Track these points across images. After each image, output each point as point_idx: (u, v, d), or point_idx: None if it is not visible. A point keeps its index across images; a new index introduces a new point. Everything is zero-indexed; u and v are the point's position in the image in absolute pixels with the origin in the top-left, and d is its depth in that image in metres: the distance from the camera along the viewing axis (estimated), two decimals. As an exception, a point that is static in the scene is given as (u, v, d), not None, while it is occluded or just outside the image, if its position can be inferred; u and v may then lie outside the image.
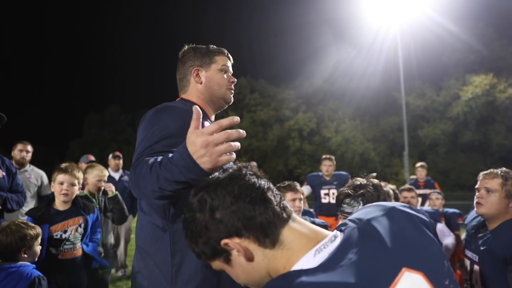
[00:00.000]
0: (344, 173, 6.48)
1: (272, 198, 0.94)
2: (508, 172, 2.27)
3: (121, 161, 6.18)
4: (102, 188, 3.75)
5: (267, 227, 0.90)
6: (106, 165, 6.17)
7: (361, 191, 1.87)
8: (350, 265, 0.84)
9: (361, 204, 1.84)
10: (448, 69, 29.71)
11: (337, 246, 0.90)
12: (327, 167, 6.23)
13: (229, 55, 1.88)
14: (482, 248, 2.24)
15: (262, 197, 0.92)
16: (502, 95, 25.94)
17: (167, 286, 1.49)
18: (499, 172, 2.27)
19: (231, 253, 0.92)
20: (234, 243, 0.90)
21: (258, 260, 0.91)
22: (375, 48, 28.43)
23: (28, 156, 4.73)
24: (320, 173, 6.37)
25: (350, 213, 1.81)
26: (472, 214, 2.57)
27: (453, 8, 26.39)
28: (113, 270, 5.70)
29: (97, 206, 3.74)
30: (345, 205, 1.90)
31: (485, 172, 2.35)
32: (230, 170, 0.96)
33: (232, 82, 1.84)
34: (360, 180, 1.94)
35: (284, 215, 0.94)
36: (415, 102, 28.49)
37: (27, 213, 2.97)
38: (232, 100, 1.88)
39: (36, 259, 2.51)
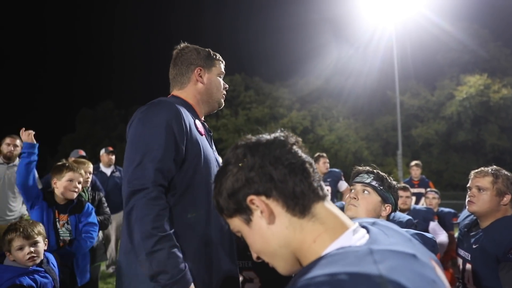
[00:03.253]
0: (336, 170, 6.49)
1: (311, 173, 0.90)
2: (498, 170, 2.27)
3: (114, 157, 6.07)
4: (89, 181, 3.77)
5: (299, 196, 0.87)
6: (98, 161, 6.11)
7: (375, 171, 2.00)
8: (397, 241, 0.83)
9: (372, 178, 1.94)
10: (443, 68, 29.80)
11: (372, 228, 0.88)
12: (326, 164, 6.26)
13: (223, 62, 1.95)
14: (474, 247, 2.24)
15: (301, 167, 0.89)
16: (496, 95, 26.06)
17: (148, 284, 1.49)
18: (490, 170, 2.27)
19: (254, 213, 0.88)
20: (259, 201, 0.86)
21: (281, 226, 0.87)
22: (371, 48, 28.42)
23: (17, 150, 4.62)
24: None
25: (359, 182, 1.96)
26: (465, 213, 2.57)
27: (449, 8, 26.51)
28: (104, 267, 5.66)
29: (87, 199, 3.73)
30: (357, 177, 2.01)
31: (476, 170, 2.35)
32: (277, 135, 0.94)
33: (225, 88, 1.92)
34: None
35: (320, 192, 0.90)
36: (409, 102, 28.56)
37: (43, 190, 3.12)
38: (223, 105, 1.96)
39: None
